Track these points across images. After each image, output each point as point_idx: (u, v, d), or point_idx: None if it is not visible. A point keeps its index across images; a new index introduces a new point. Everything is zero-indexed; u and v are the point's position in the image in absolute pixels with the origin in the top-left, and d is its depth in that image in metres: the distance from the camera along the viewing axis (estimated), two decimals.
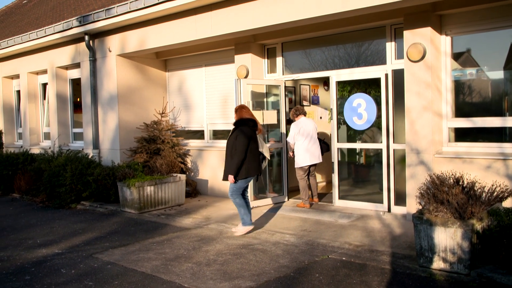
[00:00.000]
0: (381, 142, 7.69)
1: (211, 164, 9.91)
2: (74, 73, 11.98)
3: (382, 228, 6.77)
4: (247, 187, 6.93)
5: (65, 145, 11.90)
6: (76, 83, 12.11)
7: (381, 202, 7.71)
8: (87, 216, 8.56)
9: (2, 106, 14.27)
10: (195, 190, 9.87)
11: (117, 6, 9.18)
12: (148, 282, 5.05)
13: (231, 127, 9.58)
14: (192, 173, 10.19)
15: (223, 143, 9.93)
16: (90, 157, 10.30)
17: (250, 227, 6.78)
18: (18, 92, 14.06)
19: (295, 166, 8.38)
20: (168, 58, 10.92)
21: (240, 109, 6.94)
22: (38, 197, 10.14)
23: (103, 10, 9.53)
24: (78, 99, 11.98)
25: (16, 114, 14.43)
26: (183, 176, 9.14)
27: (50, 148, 11.90)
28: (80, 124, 11.93)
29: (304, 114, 8.49)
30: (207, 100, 10.30)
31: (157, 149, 9.73)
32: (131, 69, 10.48)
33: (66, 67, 12.07)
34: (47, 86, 12.78)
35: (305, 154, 8.23)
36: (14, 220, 8.46)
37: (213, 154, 9.87)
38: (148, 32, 9.43)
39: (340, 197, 8.32)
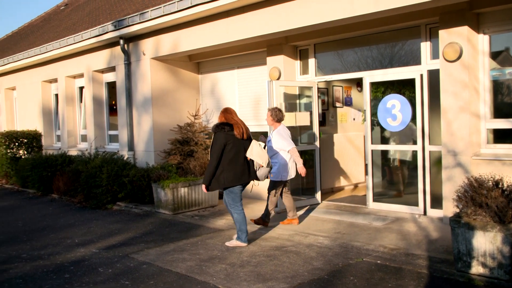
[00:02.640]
0: (416, 144, 7.56)
1: None
2: (109, 77, 12.24)
3: (417, 231, 6.65)
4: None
5: (101, 147, 12.17)
6: (111, 86, 12.38)
7: (417, 204, 7.58)
8: (123, 217, 8.73)
9: (41, 109, 14.70)
10: None
11: (151, 10, 9.33)
12: (183, 282, 5.11)
13: (263, 129, 9.67)
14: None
15: None
16: (125, 158, 10.52)
17: (244, 244, 6.39)
18: (57, 95, 14.46)
19: (276, 179, 7.21)
20: (201, 61, 11.03)
21: (221, 113, 6.48)
22: (76, 198, 10.41)
23: (137, 15, 9.71)
24: (114, 102, 12.24)
25: (54, 117, 14.84)
26: None
27: (87, 150, 12.19)
28: (115, 127, 12.18)
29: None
30: (239, 102, 10.35)
31: (191, 151, 9.84)
32: (165, 72, 10.64)
33: (102, 71, 12.34)
34: (83, 89, 13.10)
35: (291, 165, 7.30)
36: (53, 220, 8.70)
37: None
38: (181, 35, 9.55)
39: (374, 200, 8.23)
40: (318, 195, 8.94)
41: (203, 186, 6.32)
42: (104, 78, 12.47)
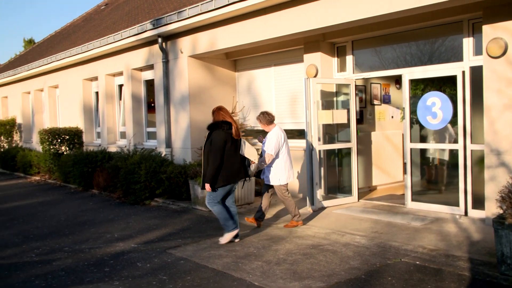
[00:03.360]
0: (457, 143, 7.36)
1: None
2: (148, 75, 12.44)
3: (458, 232, 6.48)
4: (230, 195, 6.55)
5: (139, 144, 12.40)
6: (149, 84, 12.58)
7: (457, 205, 7.38)
8: (160, 213, 8.87)
9: (82, 107, 15.09)
10: None
11: (188, 9, 9.42)
12: (219, 278, 5.14)
13: (300, 127, 9.63)
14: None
15: (292, 143, 9.90)
16: (163, 155, 10.68)
17: (234, 232, 6.45)
18: (97, 93, 14.82)
19: (277, 184, 7.12)
20: (238, 58, 11.07)
21: (216, 111, 6.44)
22: (115, 193, 10.65)
23: (175, 13, 9.82)
24: (152, 100, 12.44)
25: (95, 114, 15.21)
26: None
27: (125, 146, 12.44)
28: (153, 124, 12.38)
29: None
30: (276, 99, 10.34)
31: None
32: (202, 69, 10.73)
33: (141, 69, 12.56)
34: (123, 87, 13.37)
35: (289, 168, 7.18)
36: (94, 215, 8.92)
37: None
38: (218, 33, 9.61)
39: (413, 199, 8.06)
40: (355, 194, 8.84)
41: (207, 185, 6.27)
42: (142, 76, 12.69)
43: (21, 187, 13.39)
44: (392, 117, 10.62)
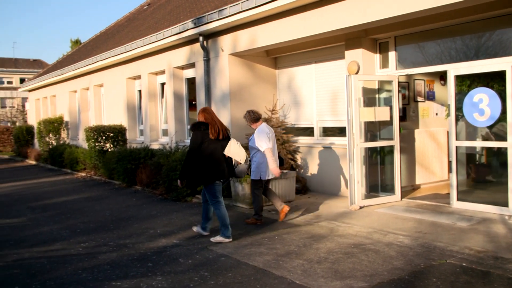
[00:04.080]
0: (507, 140, 7.09)
1: (320, 161, 9.87)
2: (189, 73, 12.60)
3: (507, 233, 6.25)
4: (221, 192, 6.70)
5: (181, 141, 12.58)
6: (191, 82, 12.74)
7: (506, 205, 7.11)
8: (201, 209, 8.95)
9: (126, 105, 15.45)
10: (305, 187, 9.89)
11: (229, 7, 9.47)
12: (260, 276, 5.16)
13: (341, 125, 9.53)
14: (302, 170, 10.23)
15: (333, 140, 9.84)
16: None
17: (227, 240, 6.60)
18: (140, 91, 15.12)
19: (255, 178, 7.37)
20: (278, 56, 11.05)
21: (200, 112, 6.66)
22: (157, 190, 10.84)
23: (216, 11, 9.90)
24: (193, 97, 12.59)
25: (138, 112, 15.53)
26: (293, 173, 9.21)
27: (168, 144, 12.64)
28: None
29: (261, 118, 7.61)
30: (317, 97, 10.26)
31: None
32: (242, 67, 10.77)
33: (182, 67, 12.73)
34: (165, 85, 13.59)
35: (272, 164, 7.26)
36: (137, 211, 9.12)
37: (323, 151, 9.81)
38: (258, 31, 9.61)
39: (459, 199, 7.83)
40: (398, 193, 8.67)
41: (178, 181, 6.71)
42: (184, 74, 12.86)
43: (68, 183, 13.85)
44: (437, 114, 10.34)
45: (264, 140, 7.22)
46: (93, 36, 26.00)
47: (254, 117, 7.46)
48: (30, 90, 26.56)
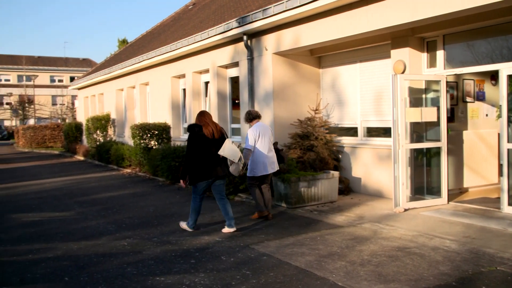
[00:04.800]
0: None
1: (364, 162, 9.73)
2: (233, 72, 12.68)
3: None
4: (216, 192, 7.18)
5: None
6: (234, 81, 12.82)
7: None
8: (244, 208, 9.01)
9: (170, 103, 15.71)
10: (348, 187, 9.77)
11: (273, 6, 9.46)
12: (302, 276, 5.13)
13: (386, 125, 9.36)
14: (345, 171, 10.11)
15: (377, 141, 9.68)
16: None
17: (190, 229, 7.28)
18: (184, 90, 15.35)
19: (248, 174, 7.83)
20: (322, 55, 10.96)
21: (197, 116, 7.18)
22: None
23: (260, 11, 9.91)
24: (236, 96, 12.66)
25: (182, 111, 15.77)
26: (336, 173, 9.12)
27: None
28: (238, 120, 12.60)
29: (259, 118, 8.00)
30: (361, 96, 10.11)
31: (311, 145, 9.84)
32: (286, 66, 10.74)
33: (226, 66, 12.82)
34: (208, 84, 13.74)
35: (263, 161, 7.68)
36: (180, 208, 9.26)
37: (367, 151, 9.67)
38: (302, 29, 9.56)
39: (510, 203, 7.53)
40: (445, 196, 8.43)
41: (181, 181, 7.21)
42: (227, 73, 12.95)
43: (114, 179, 14.22)
44: (487, 115, 9.99)
45: (248, 139, 7.69)
46: (139, 35, 26.59)
47: (248, 117, 8.00)
48: (79, 88, 27.45)
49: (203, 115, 7.16)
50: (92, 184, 13.10)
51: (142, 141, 14.38)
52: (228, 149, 6.96)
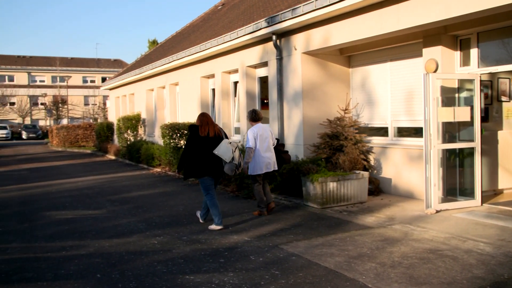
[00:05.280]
0: None
1: (395, 162, 9.59)
2: (262, 72, 12.68)
3: None
4: (212, 185, 7.57)
5: None
6: (263, 81, 12.82)
7: None
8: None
9: (200, 103, 15.83)
10: (378, 188, 9.65)
11: (302, 5, 9.42)
12: (331, 277, 5.09)
13: (417, 125, 9.22)
14: (375, 171, 9.99)
15: (408, 141, 9.54)
16: None
17: (218, 227, 7.43)
18: (213, 90, 15.44)
19: (251, 173, 8.24)
20: (352, 54, 10.86)
21: (197, 117, 7.67)
22: (229, 187, 11.02)
23: (289, 10, 9.88)
24: (265, 96, 12.66)
25: (211, 110, 15.85)
26: (365, 174, 9.02)
27: (240, 142, 12.80)
28: (266, 120, 12.59)
29: (261, 119, 8.38)
30: (392, 96, 9.97)
31: (340, 145, 9.76)
32: (315, 66, 10.69)
33: (255, 66, 12.84)
34: (237, 84, 13.78)
35: (259, 161, 8.10)
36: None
37: (397, 152, 9.53)
38: (332, 29, 9.49)
39: None
40: (478, 197, 8.23)
41: (177, 171, 7.84)
42: (256, 73, 12.96)
43: (144, 178, 14.42)
44: None
45: (249, 140, 8.11)
46: (169, 36, 26.89)
47: (251, 117, 8.39)
48: (110, 89, 27.95)
49: (204, 116, 7.63)
50: (123, 183, 13.32)
51: (171, 141, 14.52)
52: (223, 149, 7.35)
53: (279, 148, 8.62)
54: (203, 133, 7.39)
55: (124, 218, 8.50)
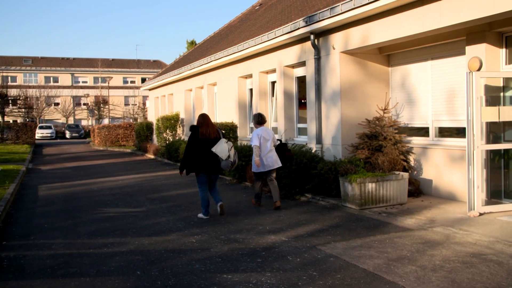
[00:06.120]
0: None
1: (435, 163, 9.37)
2: (299, 71, 12.63)
3: None
4: (210, 185, 8.48)
5: (290, 139, 12.66)
6: (301, 81, 12.77)
7: None
8: (310, 208, 8.96)
9: (237, 103, 15.92)
10: (418, 189, 9.45)
11: (341, 4, 9.32)
12: (370, 280, 5.02)
13: (459, 125, 8.99)
14: (415, 172, 9.78)
15: (450, 141, 9.30)
16: (313, 151, 10.77)
17: (204, 217, 8.35)
18: (251, 90, 15.49)
19: (255, 171, 9.05)
20: (392, 53, 10.67)
21: (198, 117, 8.50)
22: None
23: (327, 9, 9.80)
24: (303, 96, 12.61)
25: (248, 110, 15.92)
26: (405, 174, 8.85)
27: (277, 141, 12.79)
28: (304, 120, 12.55)
29: (265, 123, 9.23)
30: (433, 95, 9.73)
31: (379, 145, 9.61)
32: (353, 65, 10.56)
33: (292, 66, 12.80)
34: (275, 84, 13.77)
35: (263, 160, 8.90)
36: (246, 207, 9.36)
37: (439, 152, 9.30)
38: (371, 27, 9.35)
39: None
40: None
41: (179, 171, 8.54)
42: (294, 73, 12.92)
43: (183, 177, 14.57)
44: None
45: (253, 139, 8.92)
46: (207, 37, 27.14)
47: (257, 120, 9.21)
48: (150, 89, 28.47)
49: (204, 118, 8.45)
50: (162, 182, 13.54)
51: None
52: (220, 148, 8.17)
53: (283, 147, 9.33)
54: (202, 133, 8.20)
55: (163, 217, 8.64)
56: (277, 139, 9.44)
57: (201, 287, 5.00)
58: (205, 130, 8.22)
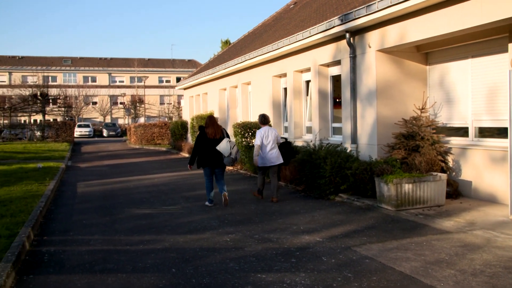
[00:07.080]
0: None
1: (475, 164, 9.11)
2: (334, 70, 12.51)
3: None
4: (216, 178, 9.59)
5: (325, 139, 12.56)
6: (336, 80, 12.64)
7: None
8: (345, 208, 8.87)
9: (271, 102, 15.90)
10: (456, 191, 9.21)
11: (377, 2, 9.16)
12: (407, 283, 4.93)
13: (501, 125, 8.72)
14: (454, 173, 9.54)
15: (490, 142, 9.03)
16: (348, 151, 10.65)
17: (209, 204, 9.57)
18: (285, 89, 15.44)
19: (260, 165, 9.95)
20: (430, 51, 10.43)
21: (206, 119, 9.76)
22: (300, 187, 10.97)
23: (363, 7, 9.66)
24: (338, 95, 12.48)
25: (283, 109, 15.88)
26: (443, 176, 8.63)
27: (311, 141, 12.72)
28: (339, 119, 12.42)
29: (268, 123, 10.04)
30: (473, 94, 9.46)
31: (416, 146, 9.41)
32: (390, 64, 10.38)
33: (327, 65, 12.68)
34: (309, 83, 13.68)
35: (264, 157, 9.77)
36: (281, 206, 9.34)
37: (479, 153, 9.03)
38: (408, 25, 9.17)
39: None
40: None
41: (188, 165, 9.71)
42: (329, 72, 12.80)
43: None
44: None
45: (257, 138, 9.79)
46: (241, 36, 27.22)
47: (261, 120, 10.07)
48: (185, 88, 28.79)
49: (210, 119, 9.62)
50: (196, 180, 13.65)
51: (243, 139, 14.70)
52: (223, 146, 9.25)
53: (287, 145, 10.29)
54: (208, 133, 9.41)
55: (197, 215, 8.72)
56: (282, 137, 10.55)
57: (235, 286, 5.01)
58: (211, 131, 9.42)
